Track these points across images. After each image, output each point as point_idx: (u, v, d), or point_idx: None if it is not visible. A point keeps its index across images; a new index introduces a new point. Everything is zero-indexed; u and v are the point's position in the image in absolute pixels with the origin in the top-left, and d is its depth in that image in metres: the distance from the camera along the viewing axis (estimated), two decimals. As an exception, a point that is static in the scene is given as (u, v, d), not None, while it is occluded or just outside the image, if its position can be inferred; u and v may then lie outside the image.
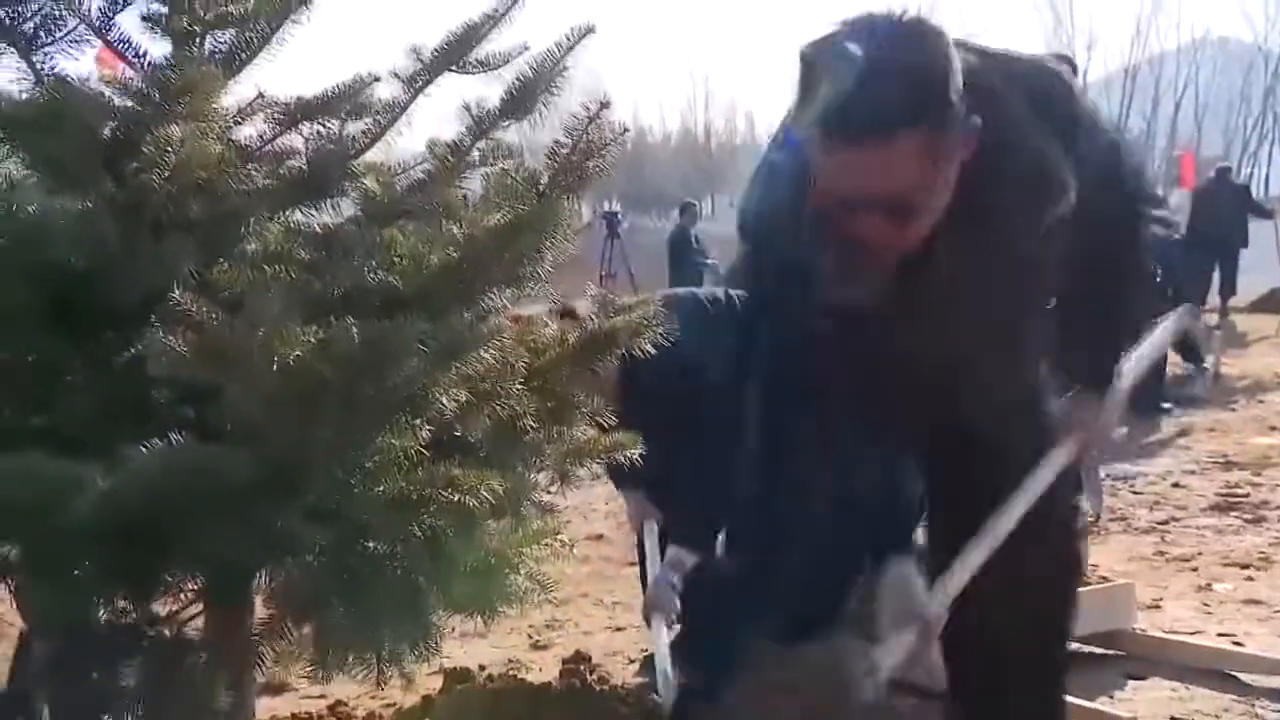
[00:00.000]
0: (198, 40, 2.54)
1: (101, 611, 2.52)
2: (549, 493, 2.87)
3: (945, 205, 2.25)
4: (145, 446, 2.15)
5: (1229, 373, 11.74)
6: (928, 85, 2.11)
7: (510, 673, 4.12)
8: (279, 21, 2.60)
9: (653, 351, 2.80)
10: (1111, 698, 3.93)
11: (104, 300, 2.37)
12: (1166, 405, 7.05)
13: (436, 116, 2.66)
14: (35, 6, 2.44)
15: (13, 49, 2.43)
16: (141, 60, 2.57)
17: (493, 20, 2.56)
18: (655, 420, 3.13)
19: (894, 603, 2.55)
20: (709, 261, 17.99)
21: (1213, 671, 4.04)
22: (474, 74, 2.58)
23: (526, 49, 2.59)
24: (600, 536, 6.50)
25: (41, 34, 2.45)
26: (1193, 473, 7.69)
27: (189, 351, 2.13)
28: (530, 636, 4.67)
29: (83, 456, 2.16)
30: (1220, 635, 4.44)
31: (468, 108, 2.49)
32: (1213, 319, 11.37)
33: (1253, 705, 3.79)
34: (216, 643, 2.66)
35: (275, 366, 2.13)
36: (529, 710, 3.71)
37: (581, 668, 4.02)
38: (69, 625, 2.49)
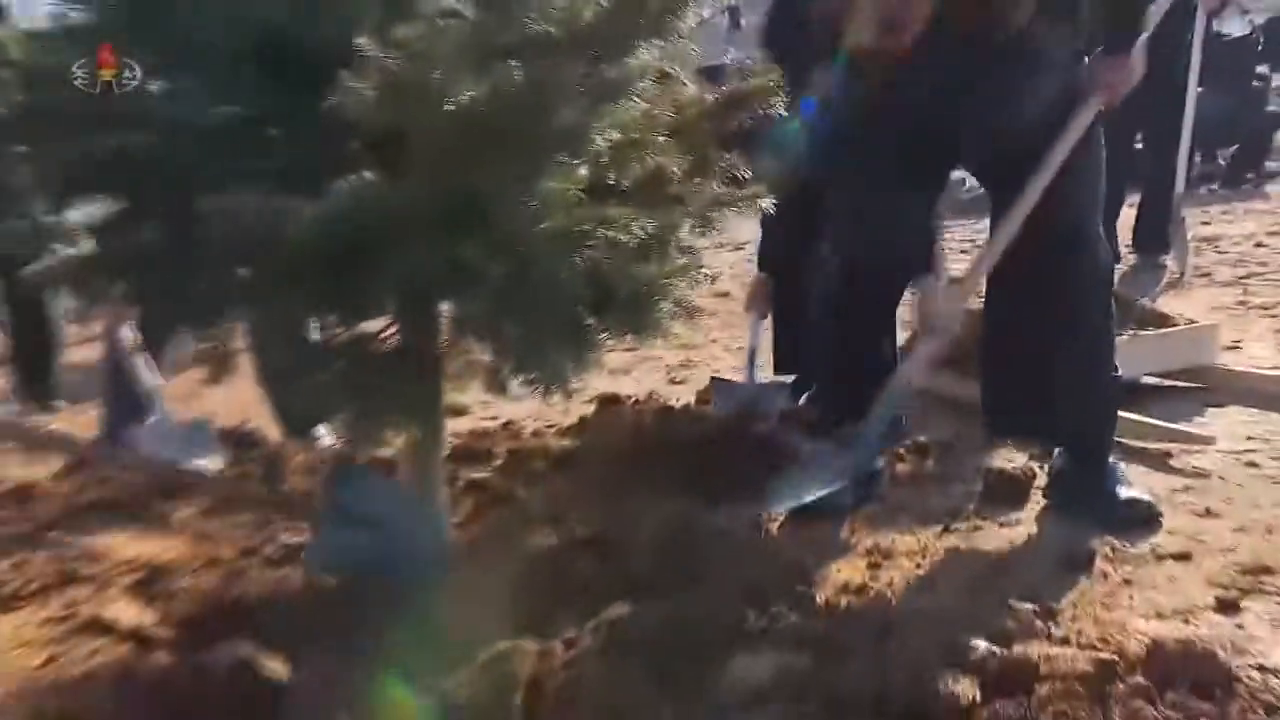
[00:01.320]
0: None
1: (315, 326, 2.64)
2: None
3: None
4: (343, 182, 2.23)
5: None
6: None
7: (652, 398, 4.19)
8: None
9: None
10: (1193, 421, 4.01)
11: (303, 55, 2.40)
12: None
13: None
14: None
15: None
16: None
17: None
18: None
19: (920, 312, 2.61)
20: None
21: None
22: None
23: None
24: (727, 294, 6.48)
25: None
26: (1275, 233, 7.60)
27: (376, 96, 2.18)
28: (668, 374, 4.73)
29: (290, 190, 2.24)
30: None
31: None
32: None
33: None
34: (410, 357, 2.74)
35: (450, 107, 2.17)
36: (665, 426, 3.82)
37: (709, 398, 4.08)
38: (291, 338, 2.59)
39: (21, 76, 2.56)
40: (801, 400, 4.34)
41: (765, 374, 4.73)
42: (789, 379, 4.61)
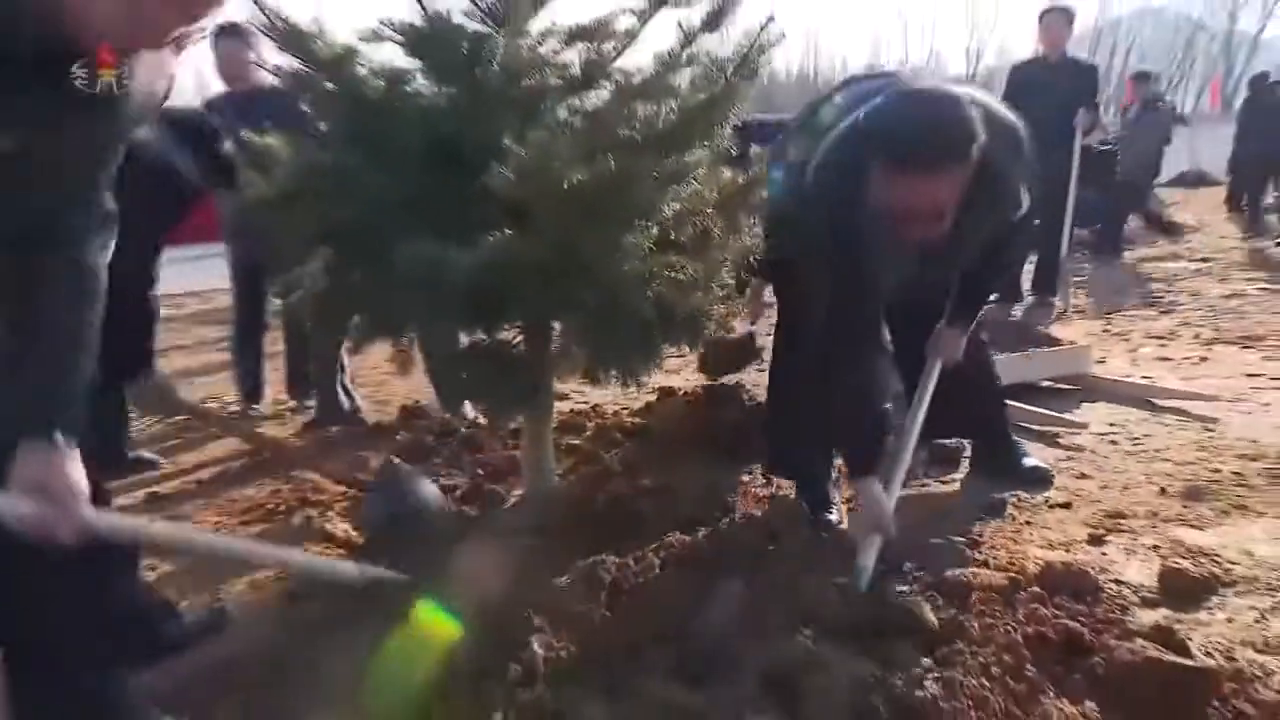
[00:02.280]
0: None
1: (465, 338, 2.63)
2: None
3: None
4: (489, 238, 2.22)
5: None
6: (969, 139, 2.14)
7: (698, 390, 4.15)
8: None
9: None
10: (1072, 412, 3.99)
11: (464, 151, 2.41)
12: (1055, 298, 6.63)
13: (658, 34, 2.58)
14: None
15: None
16: (483, 1, 2.51)
17: (695, -26, 2.50)
18: None
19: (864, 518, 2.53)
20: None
21: (1135, 397, 4.17)
22: (681, 8, 2.50)
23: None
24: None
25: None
26: (1129, 284, 7.52)
27: (514, 179, 2.17)
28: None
29: (452, 244, 2.24)
30: (1142, 378, 4.49)
31: (679, 24, 2.43)
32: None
33: (1157, 415, 3.93)
34: (531, 359, 2.73)
35: (565, 186, 2.15)
36: (705, 410, 3.79)
37: (733, 390, 4.03)
38: (450, 345, 2.59)
39: (281, 170, 2.59)
40: None
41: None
42: None
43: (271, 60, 2.50)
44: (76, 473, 1.48)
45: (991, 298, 3.51)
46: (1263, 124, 10.54)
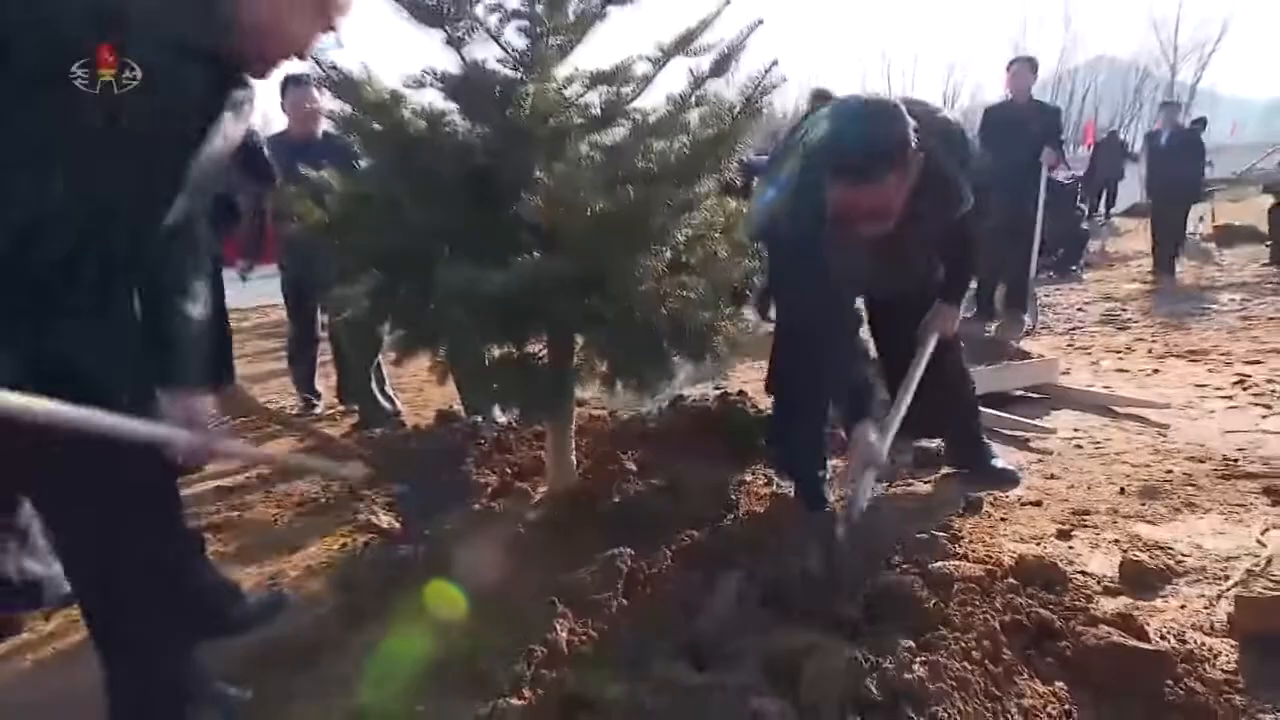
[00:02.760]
0: (544, 38, 2.51)
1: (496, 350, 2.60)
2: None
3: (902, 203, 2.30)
4: (519, 260, 2.20)
5: (1111, 249, 11.27)
6: (900, 147, 2.17)
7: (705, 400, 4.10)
8: (585, 29, 2.55)
9: None
10: (1041, 419, 3.93)
11: (498, 182, 2.39)
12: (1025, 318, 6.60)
13: (671, 78, 2.58)
14: (464, 23, 2.41)
15: (450, 46, 2.44)
16: (514, 50, 2.54)
17: (703, 24, 2.48)
18: None
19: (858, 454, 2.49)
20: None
21: (1096, 405, 4.13)
22: (691, 56, 2.49)
23: (723, 40, 2.47)
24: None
25: (464, 35, 2.44)
26: (1089, 303, 7.49)
27: (542, 207, 2.15)
28: (718, 387, 4.62)
29: (486, 265, 2.21)
30: (1103, 388, 4.47)
31: (690, 70, 2.43)
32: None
33: (1117, 421, 3.88)
34: (555, 369, 2.70)
35: (588, 213, 2.13)
36: (711, 416, 3.74)
37: (739, 399, 3.96)
38: (483, 356, 2.56)
39: (333, 201, 2.58)
40: None
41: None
42: None
43: (327, 105, 2.48)
44: (207, 406, 1.69)
45: (972, 283, 3.49)
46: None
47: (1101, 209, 15.30)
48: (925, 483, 3.20)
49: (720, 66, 2.41)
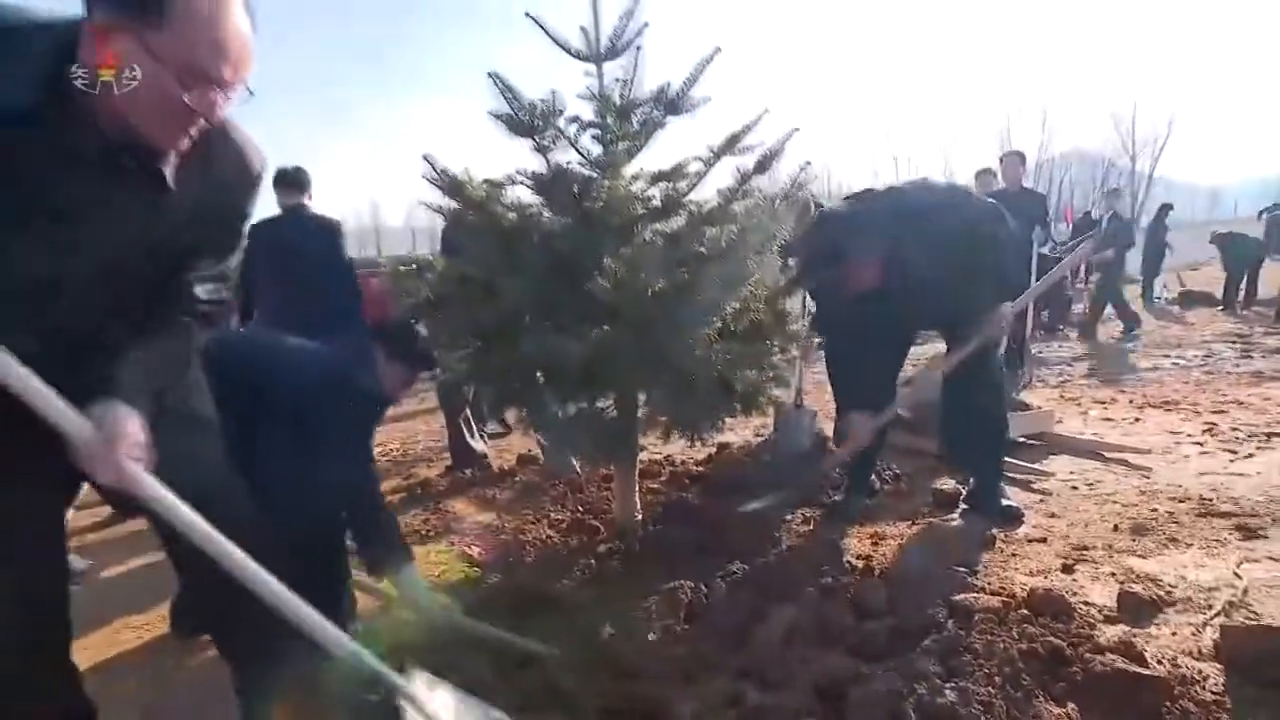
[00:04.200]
0: (614, 143, 2.54)
1: (574, 406, 2.58)
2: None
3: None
4: (593, 331, 2.19)
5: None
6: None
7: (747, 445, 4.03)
8: (648, 135, 2.58)
9: None
10: (1041, 463, 3.81)
11: (576, 265, 2.40)
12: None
13: (720, 175, 2.57)
14: (550, 133, 2.45)
15: (538, 151, 2.48)
16: (589, 154, 2.58)
17: (746, 128, 2.48)
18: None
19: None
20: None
21: (1088, 451, 3.97)
22: (737, 155, 2.49)
23: (763, 142, 2.48)
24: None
25: (550, 144, 2.48)
26: (1078, 358, 7.30)
27: (611, 286, 2.15)
28: (755, 431, 4.54)
29: (564, 336, 2.21)
30: (1092, 434, 4.29)
31: (737, 168, 2.44)
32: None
33: (1106, 465, 3.76)
34: (622, 422, 2.68)
35: (650, 292, 2.12)
36: (753, 461, 3.66)
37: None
38: (560, 413, 2.54)
39: (435, 281, 2.62)
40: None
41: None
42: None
43: (435, 201, 2.51)
44: (135, 428, 1.25)
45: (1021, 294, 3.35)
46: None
47: (1082, 276, 15.01)
48: (945, 521, 3.08)
49: (763, 165, 2.41)
